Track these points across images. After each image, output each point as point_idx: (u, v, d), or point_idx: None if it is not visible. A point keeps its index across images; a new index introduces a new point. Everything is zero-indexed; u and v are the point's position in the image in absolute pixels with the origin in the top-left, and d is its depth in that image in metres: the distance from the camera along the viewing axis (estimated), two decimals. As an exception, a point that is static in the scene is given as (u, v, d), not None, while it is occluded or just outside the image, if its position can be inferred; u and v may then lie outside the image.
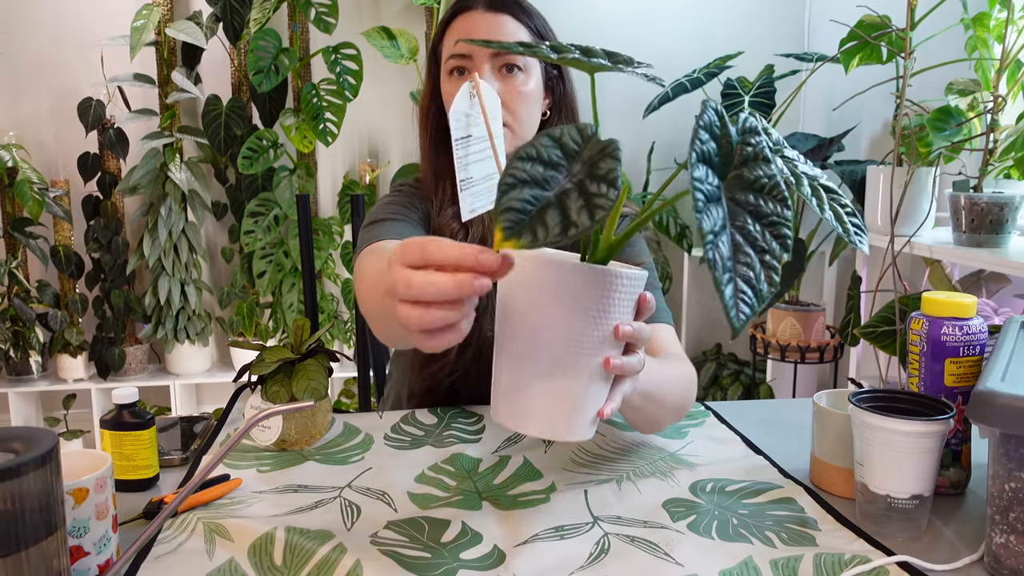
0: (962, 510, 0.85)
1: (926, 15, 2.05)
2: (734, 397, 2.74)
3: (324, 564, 0.71)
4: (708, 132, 0.55)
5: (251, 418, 0.72)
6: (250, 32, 2.45)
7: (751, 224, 0.53)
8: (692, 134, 0.55)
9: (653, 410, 0.91)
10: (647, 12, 2.85)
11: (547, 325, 0.60)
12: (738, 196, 0.55)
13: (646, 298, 0.66)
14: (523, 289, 0.61)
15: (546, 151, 0.56)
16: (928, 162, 2.12)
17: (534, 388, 0.62)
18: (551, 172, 0.55)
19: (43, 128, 2.71)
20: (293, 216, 2.61)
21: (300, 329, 1.01)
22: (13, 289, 2.55)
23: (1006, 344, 0.84)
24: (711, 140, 0.55)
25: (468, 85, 0.82)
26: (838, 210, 0.63)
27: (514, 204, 0.53)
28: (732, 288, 0.51)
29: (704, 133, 0.55)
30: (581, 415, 0.64)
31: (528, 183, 0.54)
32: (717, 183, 0.54)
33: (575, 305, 0.60)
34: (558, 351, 0.61)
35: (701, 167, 0.53)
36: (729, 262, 0.51)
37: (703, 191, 0.52)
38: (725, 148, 0.56)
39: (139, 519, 0.82)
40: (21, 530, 0.59)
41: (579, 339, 0.61)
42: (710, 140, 0.55)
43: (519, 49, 0.65)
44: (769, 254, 0.52)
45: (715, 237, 0.52)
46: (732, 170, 0.56)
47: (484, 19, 1.06)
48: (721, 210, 0.53)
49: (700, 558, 0.73)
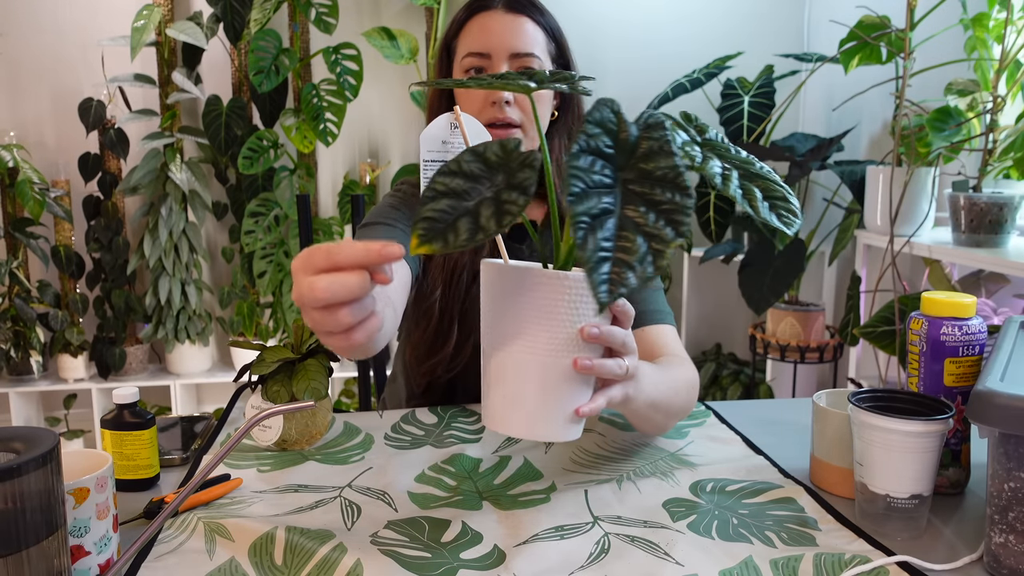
0: (961, 510, 0.85)
1: (926, 15, 2.05)
2: (734, 397, 2.74)
3: (324, 564, 0.71)
4: (600, 127, 0.60)
5: (251, 418, 0.72)
6: (250, 32, 2.45)
7: (644, 211, 0.57)
8: (581, 129, 0.60)
9: (660, 418, 0.92)
10: (647, 12, 2.85)
11: (505, 329, 0.65)
12: (633, 185, 0.59)
13: (616, 307, 0.69)
14: (485, 295, 0.68)
15: (467, 165, 0.63)
16: (928, 162, 2.12)
17: (502, 389, 0.66)
18: (471, 184, 0.62)
19: (44, 128, 2.71)
20: (293, 216, 2.61)
21: (300, 329, 1.01)
22: (14, 289, 2.55)
23: (1005, 344, 0.84)
24: (604, 135, 0.60)
25: (447, 116, 0.84)
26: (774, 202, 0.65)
27: (430, 214, 0.60)
28: (609, 267, 0.55)
29: (594, 128, 0.60)
30: (552, 415, 0.67)
31: (447, 195, 0.61)
32: (610, 173, 0.59)
33: (528, 308, 0.64)
34: (519, 353, 0.65)
35: (585, 158, 0.58)
36: (609, 243, 0.55)
37: (582, 179, 0.57)
38: (623, 142, 0.60)
39: (139, 519, 0.82)
40: (22, 530, 0.59)
41: (534, 341, 0.65)
42: (602, 135, 0.60)
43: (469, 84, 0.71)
44: (658, 239, 0.56)
45: (592, 220, 0.56)
46: (634, 161, 0.60)
47: (504, 19, 1.07)
48: (612, 197, 0.58)
49: (700, 558, 0.73)
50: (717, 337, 3.06)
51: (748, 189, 0.63)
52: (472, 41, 1.07)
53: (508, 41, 1.05)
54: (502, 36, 1.06)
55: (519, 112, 1.06)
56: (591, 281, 0.54)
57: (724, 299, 3.03)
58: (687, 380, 0.97)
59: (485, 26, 1.07)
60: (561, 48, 1.12)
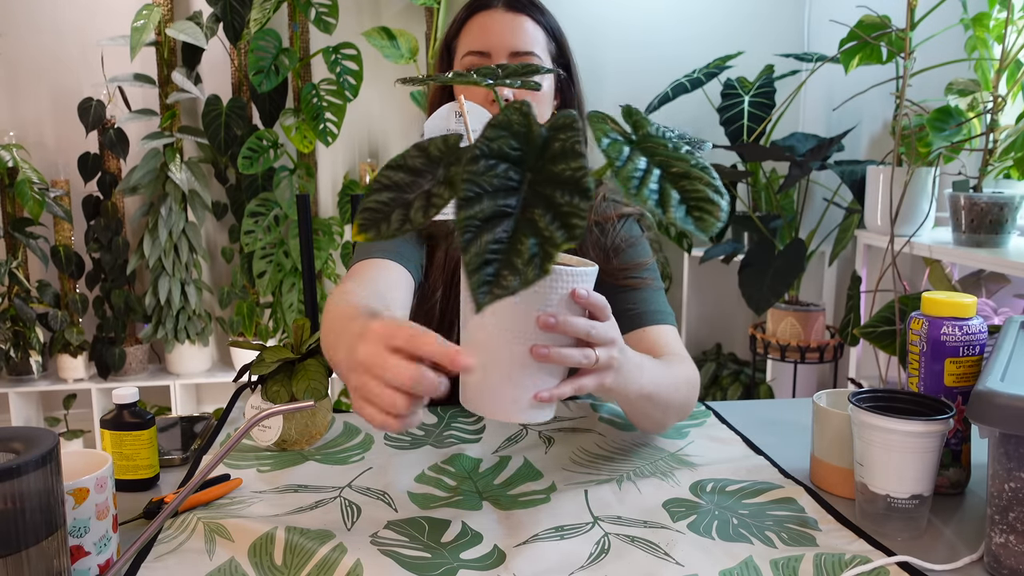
0: (962, 510, 0.85)
1: (926, 15, 2.05)
2: (734, 397, 2.74)
3: (324, 564, 0.71)
4: (504, 129, 0.60)
5: (251, 418, 0.72)
6: (250, 32, 2.45)
7: (543, 212, 0.58)
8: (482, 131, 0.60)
9: (657, 412, 0.92)
10: (647, 12, 2.85)
11: (469, 317, 0.70)
12: (538, 187, 0.59)
13: (575, 292, 0.70)
14: (463, 282, 0.71)
15: (411, 159, 0.66)
16: (928, 162, 2.12)
17: (473, 372, 0.71)
18: (412, 177, 0.65)
19: (43, 128, 2.71)
20: (293, 216, 2.61)
21: (300, 329, 1.01)
22: (13, 289, 2.55)
23: (1006, 344, 0.84)
24: (509, 137, 0.60)
25: (451, 106, 0.84)
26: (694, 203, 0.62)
27: (371, 204, 0.64)
28: (492, 269, 0.56)
29: (496, 131, 0.60)
30: (517, 399, 0.70)
31: (389, 187, 0.65)
32: (516, 174, 0.59)
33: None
34: (487, 339, 0.70)
35: (484, 162, 0.59)
36: (499, 245, 0.56)
37: (476, 183, 0.58)
38: (533, 143, 0.60)
39: (139, 519, 0.82)
40: (22, 530, 0.59)
41: (499, 327, 0.69)
42: (508, 137, 0.60)
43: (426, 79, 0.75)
44: (549, 242, 0.56)
45: (482, 223, 0.57)
46: (542, 163, 0.60)
47: (504, 18, 1.07)
48: (514, 199, 0.59)
49: (700, 558, 0.73)
50: (717, 337, 3.06)
51: (665, 192, 0.61)
52: (472, 40, 1.07)
53: (508, 40, 1.05)
54: (502, 35, 1.06)
55: None
56: (471, 284, 0.55)
57: (724, 299, 3.03)
58: (687, 378, 0.97)
59: (485, 25, 1.07)
60: (561, 48, 1.12)
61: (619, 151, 0.63)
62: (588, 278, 0.72)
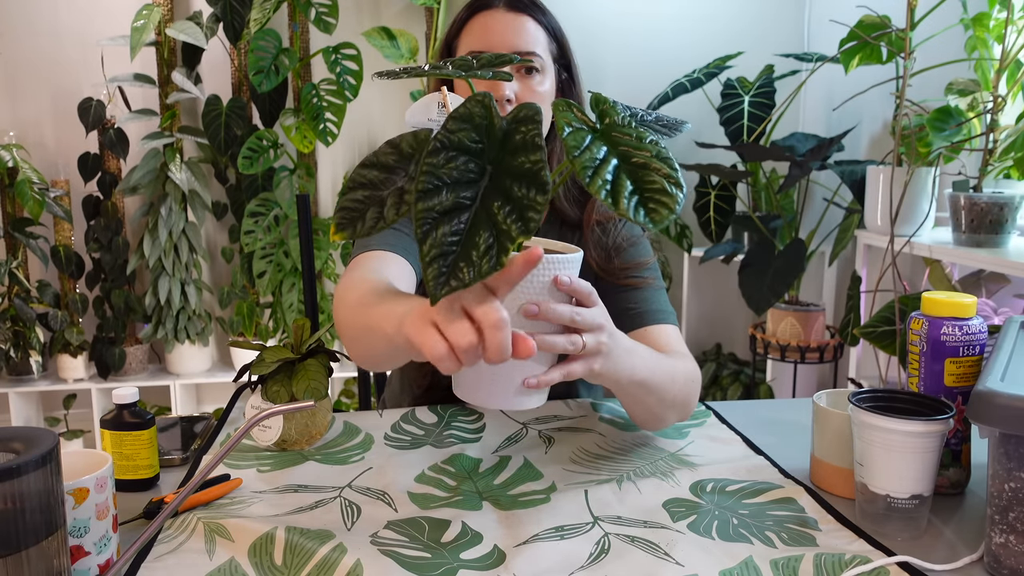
0: (962, 510, 0.85)
1: (926, 15, 2.05)
2: (734, 397, 2.74)
3: (324, 564, 0.71)
4: (466, 122, 0.60)
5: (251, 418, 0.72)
6: (250, 32, 2.45)
7: (501, 206, 0.58)
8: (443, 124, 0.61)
9: (652, 402, 0.91)
10: (648, 12, 2.85)
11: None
12: (498, 180, 0.59)
13: (558, 279, 0.70)
14: None
15: (384, 157, 0.66)
16: (928, 162, 2.12)
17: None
18: (386, 175, 0.65)
19: (43, 128, 2.71)
20: (293, 216, 2.61)
21: (300, 329, 1.01)
22: (13, 289, 2.55)
23: (1006, 344, 0.84)
24: (470, 129, 0.60)
25: (434, 96, 0.85)
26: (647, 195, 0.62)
27: (347, 204, 0.65)
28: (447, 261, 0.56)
29: (457, 123, 0.60)
30: (505, 386, 0.70)
31: (364, 186, 0.65)
32: (475, 167, 0.59)
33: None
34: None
35: (444, 153, 0.59)
36: (455, 238, 0.57)
37: (434, 175, 0.58)
38: (494, 136, 0.61)
39: (139, 519, 0.82)
40: (21, 530, 0.59)
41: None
42: (469, 129, 0.60)
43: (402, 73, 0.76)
44: (505, 235, 0.56)
45: (439, 216, 0.57)
46: (503, 155, 0.60)
47: (505, 18, 1.07)
48: (472, 191, 0.59)
49: (700, 558, 0.73)
50: (717, 337, 3.06)
51: (619, 182, 0.61)
52: (473, 40, 1.07)
53: (509, 39, 1.05)
54: (503, 35, 1.06)
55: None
56: (426, 276, 0.56)
57: (724, 299, 3.03)
58: (686, 372, 0.96)
59: (486, 25, 1.07)
60: (563, 48, 1.12)
61: (580, 140, 0.62)
62: (571, 264, 0.71)
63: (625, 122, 0.65)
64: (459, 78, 0.72)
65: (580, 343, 0.72)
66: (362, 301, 0.83)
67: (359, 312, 0.82)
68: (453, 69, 0.72)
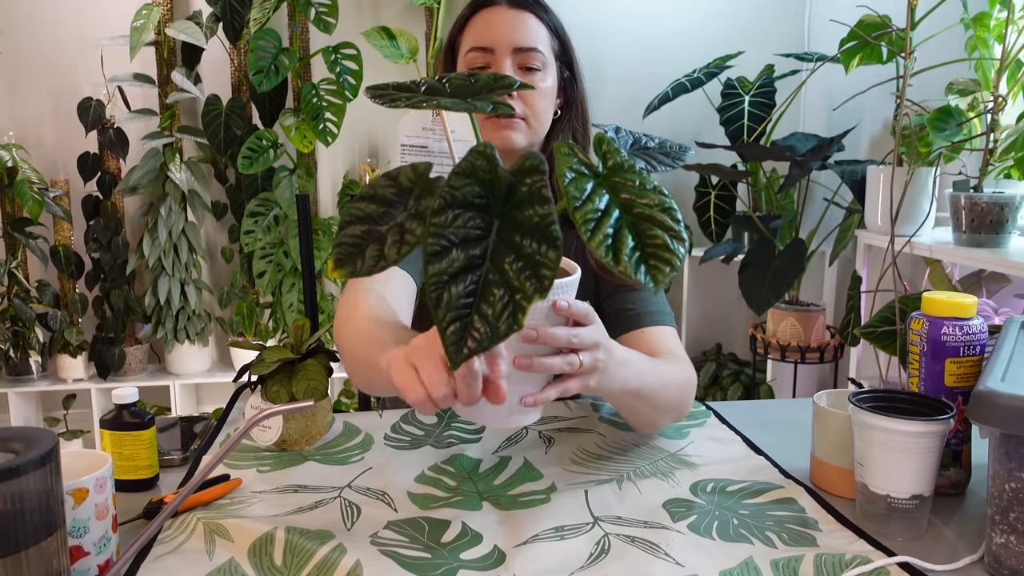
0: (962, 510, 0.85)
1: (926, 15, 2.05)
2: (734, 397, 2.74)
3: (324, 564, 0.71)
4: (469, 177, 0.58)
5: (251, 418, 0.72)
6: (250, 32, 2.45)
7: (512, 263, 0.56)
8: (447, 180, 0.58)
9: (646, 410, 0.92)
10: (648, 12, 2.85)
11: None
12: (506, 235, 0.57)
13: (556, 305, 0.70)
14: None
15: (382, 190, 0.63)
16: (928, 162, 2.12)
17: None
18: (384, 208, 0.63)
19: (43, 128, 2.70)
20: (293, 216, 2.61)
21: (300, 329, 1.01)
22: (13, 289, 2.55)
23: (1006, 344, 0.84)
24: (474, 184, 0.57)
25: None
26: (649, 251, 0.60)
27: (345, 240, 0.63)
28: (460, 325, 0.54)
29: (460, 179, 0.57)
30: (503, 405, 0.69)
31: (362, 220, 0.63)
32: (481, 223, 0.57)
33: None
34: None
35: (450, 212, 0.56)
36: (469, 299, 0.55)
37: (443, 236, 0.56)
38: (498, 188, 0.58)
39: (139, 519, 0.82)
40: (21, 530, 0.59)
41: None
42: (472, 184, 0.57)
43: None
44: (520, 293, 0.55)
45: (450, 278, 0.55)
46: (509, 208, 0.58)
47: (507, 14, 1.07)
48: (481, 248, 0.56)
49: (700, 558, 0.73)
50: (717, 337, 3.06)
51: (620, 238, 0.59)
52: (476, 36, 1.08)
53: (511, 35, 1.06)
54: (505, 31, 1.06)
55: (521, 105, 1.06)
56: (443, 341, 0.54)
57: (724, 299, 3.03)
58: (681, 377, 0.97)
59: (489, 21, 1.07)
60: (564, 46, 1.12)
61: (581, 189, 0.60)
62: (569, 288, 0.71)
63: (627, 166, 0.63)
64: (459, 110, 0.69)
65: (577, 363, 0.73)
66: (359, 328, 0.86)
67: (359, 342, 0.85)
68: (451, 100, 0.69)
